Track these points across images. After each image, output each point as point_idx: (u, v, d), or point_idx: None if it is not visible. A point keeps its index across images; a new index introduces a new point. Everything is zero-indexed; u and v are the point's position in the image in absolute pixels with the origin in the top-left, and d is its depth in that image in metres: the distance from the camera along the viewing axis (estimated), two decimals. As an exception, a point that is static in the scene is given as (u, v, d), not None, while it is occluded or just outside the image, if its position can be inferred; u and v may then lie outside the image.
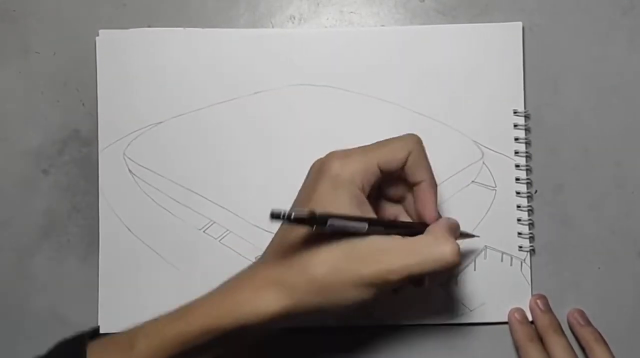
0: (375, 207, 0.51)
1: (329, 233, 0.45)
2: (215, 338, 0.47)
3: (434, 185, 0.50)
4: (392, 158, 0.48)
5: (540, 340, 0.57)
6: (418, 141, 0.49)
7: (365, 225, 0.45)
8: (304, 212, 0.42)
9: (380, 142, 0.49)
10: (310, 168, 0.50)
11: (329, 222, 0.43)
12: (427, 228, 0.48)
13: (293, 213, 0.42)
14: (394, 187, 0.52)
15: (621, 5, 0.61)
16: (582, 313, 0.59)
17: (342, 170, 0.47)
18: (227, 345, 0.48)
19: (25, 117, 0.60)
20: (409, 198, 0.51)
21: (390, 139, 0.49)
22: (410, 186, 0.50)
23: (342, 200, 0.46)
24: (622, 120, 0.60)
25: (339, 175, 0.47)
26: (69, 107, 0.60)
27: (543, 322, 0.58)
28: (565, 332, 0.58)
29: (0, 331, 0.59)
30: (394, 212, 0.52)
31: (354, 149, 0.49)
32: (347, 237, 0.46)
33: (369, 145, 0.49)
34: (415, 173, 0.49)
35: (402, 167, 0.49)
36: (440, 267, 0.45)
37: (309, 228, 0.44)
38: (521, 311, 0.58)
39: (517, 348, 0.58)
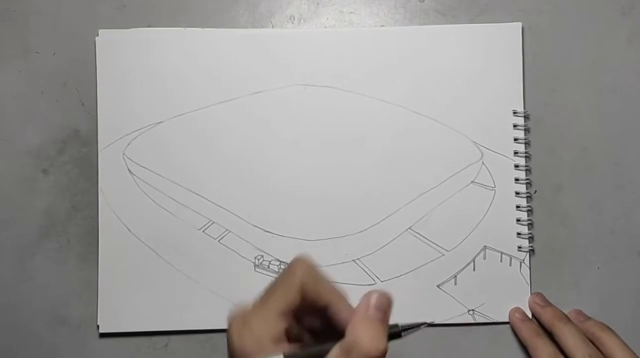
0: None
1: None
2: None
3: (340, 296, 0.44)
4: (289, 301, 0.43)
5: (548, 334, 0.57)
6: (306, 268, 0.44)
7: None
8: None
9: (272, 286, 0.44)
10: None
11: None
12: (348, 329, 0.41)
13: None
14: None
15: (621, 5, 0.61)
16: (580, 312, 0.59)
17: (245, 344, 0.42)
18: None
19: (25, 117, 0.60)
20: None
21: (279, 277, 0.44)
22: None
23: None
24: (622, 120, 0.60)
25: (244, 350, 0.42)
26: (69, 107, 0.60)
27: (546, 315, 0.57)
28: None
29: (0, 331, 0.59)
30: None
31: (252, 305, 0.44)
32: None
33: (263, 296, 0.44)
34: (317, 299, 0.43)
35: (307, 301, 0.43)
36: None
37: None
38: (520, 310, 0.58)
39: (526, 347, 0.57)
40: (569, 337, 0.55)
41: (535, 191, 0.60)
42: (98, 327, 0.58)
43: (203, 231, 0.59)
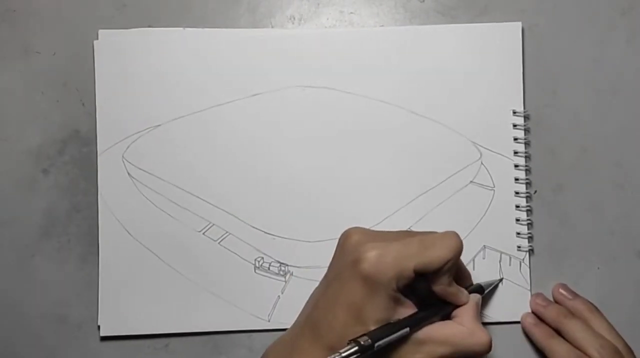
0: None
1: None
2: None
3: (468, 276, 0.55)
4: (429, 264, 0.48)
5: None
6: (458, 248, 0.49)
7: (407, 330, 0.47)
8: (350, 352, 0.44)
9: (421, 239, 0.49)
10: (340, 244, 0.50)
11: (375, 346, 0.45)
12: (458, 312, 0.51)
13: (343, 352, 0.44)
14: None
15: (620, 5, 0.61)
16: (566, 287, 0.59)
17: (378, 271, 0.47)
18: None
19: (25, 117, 0.60)
20: None
21: (433, 238, 0.49)
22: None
23: (381, 306, 0.47)
24: (622, 121, 0.60)
25: (375, 276, 0.47)
26: (69, 107, 0.60)
27: (550, 314, 0.57)
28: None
29: (0, 331, 0.59)
30: None
31: (390, 238, 0.49)
32: None
33: (407, 240, 0.49)
34: (444, 278, 0.49)
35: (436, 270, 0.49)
36: (474, 355, 0.49)
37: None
38: (532, 315, 0.58)
39: (542, 350, 0.57)
40: (576, 331, 0.55)
41: (535, 191, 0.60)
42: (99, 327, 0.58)
43: (203, 233, 0.59)
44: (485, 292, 0.56)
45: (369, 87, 0.60)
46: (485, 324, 0.58)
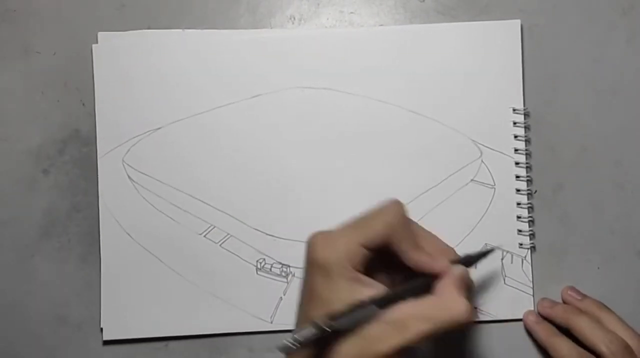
0: (377, 271, 0.50)
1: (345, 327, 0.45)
2: None
3: (432, 239, 0.52)
4: (374, 236, 0.48)
5: (564, 332, 0.57)
6: (399, 212, 0.49)
7: (374, 308, 0.46)
8: (307, 332, 0.43)
9: (362, 217, 0.49)
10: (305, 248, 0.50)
11: (337, 324, 0.44)
12: (437, 286, 0.48)
13: (298, 338, 0.43)
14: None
15: (621, 5, 0.61)
16: (574, 289, 0.59)
17: (328, 256, 0.47)
18: None
19: (25, 117, 0.60)
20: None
21: (374, 211, 0.49)
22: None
23: (340, 288, 0.46)
24: (622, 120, 0.60)
25: (327, 262, 0.47)
26: (69, 107, 0.60)
27: (558, 313, 0.57)
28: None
29: (0, 331, 0.59)
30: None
31: (336, 228, 0.49)
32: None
33: (350, 223, 0.49)
34: (402, 245, 0.49)
35: (388, 241, 0.48)
36: (454, 327, 0.46)
37: (319, 334, 0.44)
38: (534, 313, 0.58)
39: (545, 348, 0.57)
40: (585, 328, 0.55)
41: (536, 191, 0.60)
42: (102, 330, 0.58)
43: (204, 236, 0.59)
44: (475, 264, 0.54)
45: (369, 87, 0.60)
46: (487, 322, 0.58)
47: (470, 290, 0.51)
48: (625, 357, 0.53)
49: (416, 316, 0.46)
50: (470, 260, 0.53)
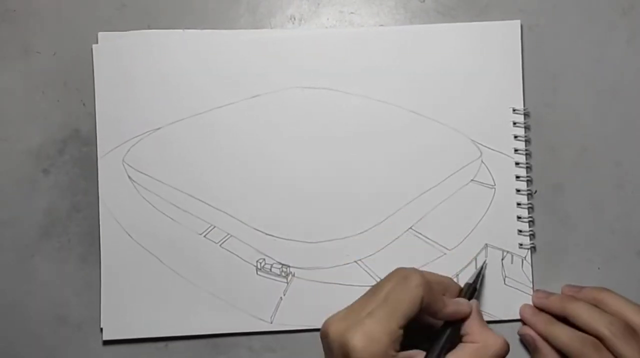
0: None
1: None
2: None
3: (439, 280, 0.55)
4: (411, 314, 0.48)
5: (562, 321, 0.56)
6: (419, 282, 0.49)
7: None
8: None
9: (386, 298, 0.49)
10: (324, 344, 0.50)
11: None
12: (466, 329, 0.51)
13: None
14: None
15: (621, 5, 0.61)
16: (571, 285, 0.59)
17: (375, 352, 0.46)
18: None
19: (25, 116, 0.60)
20: None
21: (393, 290, 0.49)
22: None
23: None
24: (622, 120, 0.60)
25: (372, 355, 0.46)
26: (70, 107, 0.60)
27: (554, 303, 0.57)
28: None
29: (0, 331, 0.59)
30: None
31: (358, 309, 0.49)
32: None
33: (376, 306, 0.48)
34: (434, 308, 0.50)
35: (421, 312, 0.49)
36: None
37: None
38: (529, 305, 0.58)
39: (544, 338, 0.56)
40: (582, 313, 0.54)
41: (536, 191, 0.60)
42: (102, 330, 0.58)
43: (204, 236, 0.59)
44: (478, 288, 0.56)
45: (369, 87, 0.60)
46: (488, 323, 0.58)
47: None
48: (627, 337, 0.52)
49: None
50: (472, 287, 0.56)
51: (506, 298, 0.59)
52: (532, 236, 0.59)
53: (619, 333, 0.52)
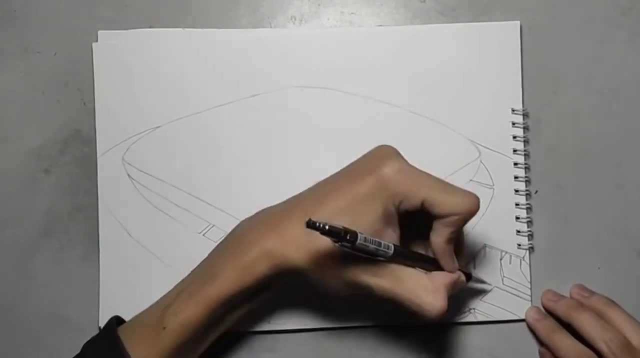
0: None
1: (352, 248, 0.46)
2: (244, 297, 0.49)
3: (462, 243, 0.54)
4: (440, 205, 0.49)
5: (566, 327, 0.57)
6: (473, 206, 0.50)
7: (391, 252, 0.47)
8: (338, 228, 0.44)
9: (446, 183, 0.50)
10: (371, 151, 0.51)
11: (357, 243, 0.45)
12: (432, 274, 0.50)
13: (327, 226, 0.43)
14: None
15: (620, 5, 0.61)
16: (582, 287, 0.59)
17: (392, 179, 0.48)
18: (251, 303, 0.51)
19: (26, 117, 0.60)
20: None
21: (458, 188, 0.50)
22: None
23: (375, 209, 0.48)
24: (621, 120, 0.60)
25: (388, 182, 0.48)
26: (70, 107, 0.60)
27: (561, 308, 0.57)
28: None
29: (0, 331, 0.59)
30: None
31: (422, 171, 0.50)
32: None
33: (434, 175, 0.50)
34: (444, 229, 0.50)
35: (442, 216, 0.49)
36: (420, 314, 0.49)
37: (335, 241, 0.45)
38: (535, 309, 0.58)
39: (546, 345, 0.57)
40: (586, 325, 0.55)
41: (536, 191, 0.60)
42: (100, 329, 0.58)
43: (203, 235, 0.59)
44: (469, 283, 0.56)
45: (369, 87, 0.60)
46: (484, 323, 0.58)
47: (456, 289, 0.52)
48: (625, 356, 0.53)
49: (400, 280, 0.48)
50: (469, 276, 0.55)
51: (504, 298, 0.59)
52: (531, 236, 0.59)
53: (618, 351, 0.53)
